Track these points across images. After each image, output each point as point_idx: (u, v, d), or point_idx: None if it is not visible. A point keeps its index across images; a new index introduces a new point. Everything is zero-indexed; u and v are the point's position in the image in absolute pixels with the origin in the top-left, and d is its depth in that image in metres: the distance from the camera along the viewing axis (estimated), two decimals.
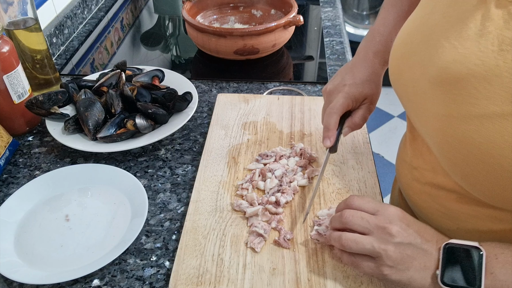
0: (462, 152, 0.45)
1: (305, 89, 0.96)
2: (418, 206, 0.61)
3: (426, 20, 0.51)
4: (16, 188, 0.71)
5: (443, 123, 0.47)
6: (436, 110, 0.48)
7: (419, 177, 0.58)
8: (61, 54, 1.11)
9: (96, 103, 0.79)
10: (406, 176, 0.62)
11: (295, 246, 0.60)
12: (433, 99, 0.48)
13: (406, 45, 0.54)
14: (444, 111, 0.46)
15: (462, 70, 0.44)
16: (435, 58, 0.47)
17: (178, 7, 1.38)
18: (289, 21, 1.01)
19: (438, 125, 0.48)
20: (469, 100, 0.43)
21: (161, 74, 0.91)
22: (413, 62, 0.52)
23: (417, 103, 0.52)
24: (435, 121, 0.48)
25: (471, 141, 0.43)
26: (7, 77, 0.75)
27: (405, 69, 0.53)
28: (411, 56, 0.52)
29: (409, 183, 0.61)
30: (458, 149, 0.45)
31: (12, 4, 0.81)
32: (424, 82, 0.49)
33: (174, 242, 0.63)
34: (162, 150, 0.80)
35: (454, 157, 0.47)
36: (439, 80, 0.46)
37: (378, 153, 2.27)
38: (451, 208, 0.54)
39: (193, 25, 1.02)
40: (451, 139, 0.46)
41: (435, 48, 0.48)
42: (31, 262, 0.60)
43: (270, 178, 0.69)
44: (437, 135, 0.49)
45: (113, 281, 0.59)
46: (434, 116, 0.48)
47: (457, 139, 0.45)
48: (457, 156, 0.46)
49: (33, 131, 0.85)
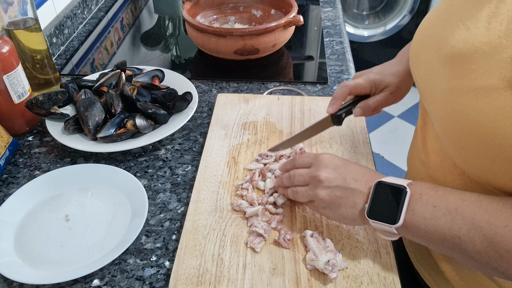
0: (458, 124, 0.47)
1: (305, 89, 0.96)
2: None
3: (447, 6, 0.53)
4: (16, 188, 0.71)
5: (445, 97, 0.48)
6: (441, 85, 0.49)
7: (425, 160, 0.60)
8: (61, 54, 1.11)
9: (96, 103, 0.79)
10: (415, 161, 0.64)
11: (295, 246, 0.60)
12: (441, 75, 0.50)
13: (426, 29, 0.56)
14: (448, 85, 0.48)
15: (468, 47, 0.46)
16: (449, 39, 0.49)
17: (178, 7, 1.38)
18: (289, 21, 1.01)
19: (441, 100, 0.50)
20: (470, 74, 0.45)
21: (161, 74, 0.91)
22: (429, 43, 0.54)
23: (427, 81, 0.54)
24: (439, 96, 0.50)
25: (466, 113, 0.45)
26: (7, 77, 0.75)
27: (421, 50, 0.55)
28: (428, 38, 0.54)
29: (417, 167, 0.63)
30: (455, 121, 0.47)
31: (12, 4, 0.81)
32: (436, 61, 0.51)
33: (174, 242, 0.63)
34: (162, 150, 0.80)
35: (452, 129, 0.48)
36: (449, 57, 0.48)
37: (378, 153, 2.27)
38: None
39: (193, 25, 1.02)
40: (450, 112, 0.48)
41: (451, 29, 0.49)
42: (31, 262, 0.60)
43: (270, 178, 0.69)
44: (439, 109, 0.50)
45: (113, 281, 0.59)
46: (439, 91, 0.50)
47: (455, 111, 0.47)
48: (454, 128, 0.48)
49: (33, 131, 0.85)
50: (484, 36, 0.45)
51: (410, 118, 2.48)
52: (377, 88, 0.68)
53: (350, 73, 1.01)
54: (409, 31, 2.53)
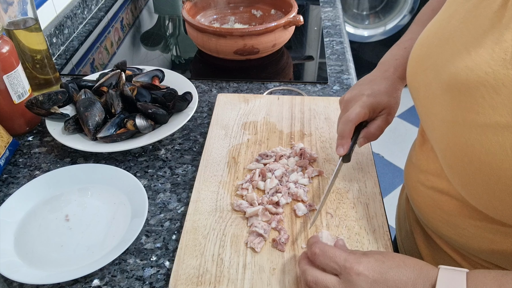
0: (463, 160, 0.45)
1: (305, 89, 0.96)
2: (422, 211, 0.60)
3: (446, 24, 0.50)
4: (16, 188, 0.71)
5: (448, 129, 0.46)
6: (443, 116, 0.47)
7: (424, 181, 0.58)
8: (61, 54, 1.11)
9: (96, 103, 0.79)
10: (412, 178, 0.62)
11: (295, 246, 0.60)
12: (442, 104, 0.47)
13: (423, 48, 0.53)
14: (450, 117, 0.46)
15: (472, 77, 0.43)
16: (449, 63, 0.47)
17: (178, 7, 1.38)
18: (289, 21, 1.01)
19: (443, 131, 0.47)
20: (475, 108, 0.42)
21: (161, 74, 0.91)
22: (427, 65, 0.51)
23: (427, 107, 0.52)
24: (441, 127, 0.48)
25: (472, 150, 0.43)
26: (7, 77, 0.75)
27: (419, 71, 0.53)
28: (426, 59, 0.52)
29: (415, 185, 0.61)
30: (460, 157, 0.45)
31: (12, 4, 0.81)
32: (436, 86, 0.49)
33: (174, 242, 0.63)
34: (162, 150, 0.80)
35: (455, 165, 0.46)
36: (449, 86, 0.46)
37: (378, 153, 2.27)
38: (453, 215, 0.54)
39: (193, 25, 1.02)
40: (453, 146, 0.45)
41: (451, 53, 0.47)
42: (31, 262, 0.60)
43: (270, 178, 0.69)
44: (442, 141, 0.48)
45: (113, 281, 0.59)
46: (440, 121, 0.48)
47: (459, 146, 0.45)
48: (458, 163, 0.46)
49: (33, 131, 0.85)
50: (488, 65, 0.42)
51: (410, 118, 2.48)
52: (375, 112, 0.65)
53: (350, 73, 1.01)
54: None
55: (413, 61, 0.56)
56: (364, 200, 0.66)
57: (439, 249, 0.61)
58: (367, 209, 0.65)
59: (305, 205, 0.65)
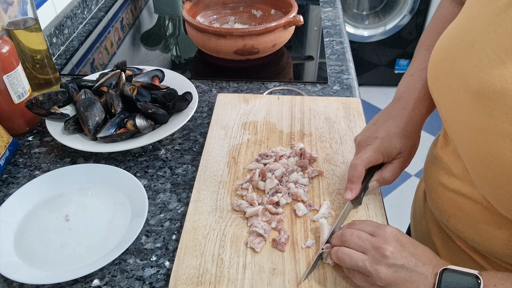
0: (492, 169, 0.44)
1: (305, 89, 0.96)
2: (442, 212, 0.60)
3: (469, 26, 0.49)
4: (16, 188, 0.71)
5: (477, 137, 0.45)
6: (471, 123, 0.46)
7: (446, 183, 0.57)
8: (61, 54, 1.11)
9: (96, 103, 0.79)
10: (434, 179, 0.61)
11: (295, 246, 0.60)
12: (470, 111, 0.46)
13: (446, 51, 0.52)
14: (479, 124, 0.45)
15: (507, 86, 0.42)
16: (477, 70, 0.45)
17: (178, 7, 1.38)
18: (289, 21, 1.00)
19: (471, 138, 0.47)
20: (508, 117, 0.42)
21: (161, 74, 0.91)
22: (451, 69, 0.50)
23: (452, 113, 0.50)
24: (468, 134, 0.47)
25: (504, 159, 0.42)
26: (7, 77, 0.75)
27: (442, 75, 0.51)
28: (450, 62, 0.50)
29: (436, 187, 0.60)
30: (489, 165, 0.44)
31: (12, 4, 0.81)
32: (463, 93, 0.47)
33: (174, 242, 0.63)
34: (162, 150, 0.80)
35: (484, 173, 0.45)
36: (479, 93, 0.45)
37: None
38: (476, 218, 0.53)
39: (193, 25, 1.02)
40: (483, 154, 0.45)
41: (479, 58, 0.46)
42: (31, 262, 0.60)
43: (270, 178, 0.69)
44: (470, 148, 0.47)
45: (113, 281, 0.59)
46: (468, 128, 0.47)
47: (490, 155, 0.44)
48: (487, 172, 0.45)
49: (33, 131, 0.85)
50: None
51: None
52: (390, 156, 0.62)
53: (350, 73, 1.01)
54: (409, 31, 2.53)
55: (434, 64, 0.54)
56: (364, 200, 0.66)
57: (459, 250, 0.61)
58: (367, 209, 0.65)
59: (305, 205, 0.65)
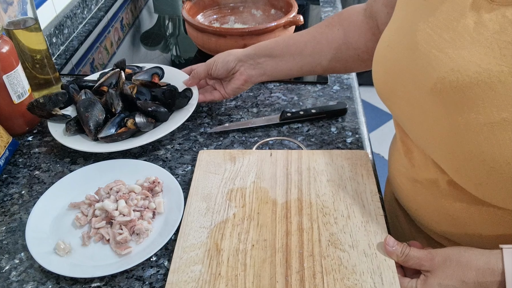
0: (472, 163, 0.44)
1: (305, 89, 0.96)
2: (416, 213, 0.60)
3: (408, 31, 0.49)
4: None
5: (450, 134, 0.46)
6: (439, 122, 0.46)
7: (421, 190, 0.57)
8: (61, 54, 1.11)
9: (97, 103, 0.79)
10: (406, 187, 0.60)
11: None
12: (434, 111, 0.47)
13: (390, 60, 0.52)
14: (448, 122, 0.45)
15: (462, 78, 0.43)
16: (428, 71, 0.46)
17: (178, 7, 1.38)
18: (289, 21, 1.00)
19: (442, 137, 0.47)
20: (475, 108, 0.42)
21: (160, 71, 0.90)
22: (404, 79, 0.50)
23: (415, 118, 0.50)
24: (439, 134, 0.47)
25: (481, 150, 0.42)
26: (6, 77, 0.75)
27: (397, 87, 0.52)
28: (400, 72, 0.51)
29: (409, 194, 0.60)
30: (468, 160, 0.44)
31: (12, 4, 0.81)
32: (421, 96, 0.48)
33: (173, 242, 0.63)
34: (162, 150, 0.80)
35: (464, 169, 0.45)
36: (438, 91, 0.45)
37: (378, 153, 2.27)
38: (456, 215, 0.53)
39: (193, 25, 1.02)
40: (459, 150, 0.45)
41: (427, 60, 0.46)
42: None
43: None
44: (443, 148, 0.47)
45: (113, 281, 0.58)
46: (437, 129, 0.47)
47: (466, 149, 0.44)
48: (467, 167, 0.45)
49: (33, 131, 0.85)
50: (477, 65, 0.42)
51: None
52: None
53: (350, 73, 1.01)
54: None
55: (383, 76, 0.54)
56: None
57: None
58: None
59: None
